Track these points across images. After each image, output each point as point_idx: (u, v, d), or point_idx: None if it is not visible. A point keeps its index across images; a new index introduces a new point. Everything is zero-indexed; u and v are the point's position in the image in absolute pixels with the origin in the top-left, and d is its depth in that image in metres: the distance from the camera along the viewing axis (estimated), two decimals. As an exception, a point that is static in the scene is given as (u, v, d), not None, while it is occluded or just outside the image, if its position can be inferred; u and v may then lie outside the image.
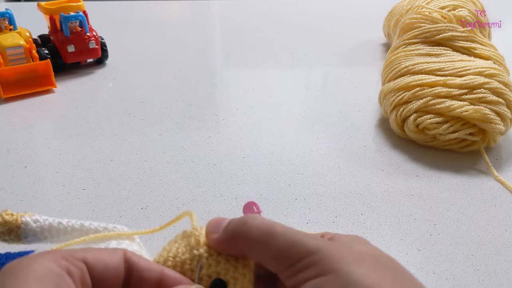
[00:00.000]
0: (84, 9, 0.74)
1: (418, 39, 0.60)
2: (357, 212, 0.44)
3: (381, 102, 0.59)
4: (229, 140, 0.56)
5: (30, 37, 0.72)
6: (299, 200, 0.45)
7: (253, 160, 0.52)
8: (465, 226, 0.42)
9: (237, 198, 0.45)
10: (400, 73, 0.57)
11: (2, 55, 0.66)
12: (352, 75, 0.76)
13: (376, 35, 0.89)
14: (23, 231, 0.27)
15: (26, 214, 0.28)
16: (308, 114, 0.63)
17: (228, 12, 1.14)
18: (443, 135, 0.51)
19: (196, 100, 0.67)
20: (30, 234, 0.27)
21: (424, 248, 0.40)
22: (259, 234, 0.23)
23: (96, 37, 0.73)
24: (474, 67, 0.53)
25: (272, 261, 0.23)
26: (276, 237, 0.23)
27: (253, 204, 0.40)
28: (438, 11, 0.61)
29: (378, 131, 0.58)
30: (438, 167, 0.51)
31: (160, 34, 0.96)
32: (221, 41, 0.95)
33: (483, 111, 0.49)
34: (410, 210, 0.44)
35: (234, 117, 0.62)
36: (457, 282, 0.36)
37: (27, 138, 0.55)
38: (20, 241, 0.27)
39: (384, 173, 0.50)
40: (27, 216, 0.28)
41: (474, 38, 0.58)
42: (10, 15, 0.70)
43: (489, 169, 0.50)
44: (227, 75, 0.78)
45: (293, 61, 0.83)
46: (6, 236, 0.27)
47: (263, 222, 0.24)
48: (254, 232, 0.23)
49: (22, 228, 0.27)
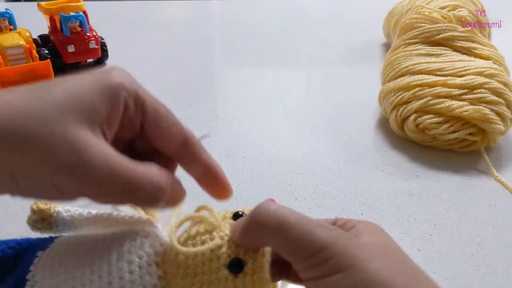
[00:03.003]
0: (84, 9, 0.74)
1: (418, 39, 0.60)
2: (357, 212, 0.44)
3: (381, 102, 0.59)
4: (229, 140, 0.56)
5: (30, 37, 0.72)
6: (299, 200, 0.45)
7: (253, 160, 0.52)
8: (465, 226, 0.42)
9: (237, 198, 0.45)
10: (400, 73, 0.57)
11: (2, 55, 0.65)
12: (352, 75, 0.76)
13: (376, 35, 0.89)
14: (55, 220, 0.29)
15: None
16: (308, 114, 0.63)
17: (228, 12, 1.14)
18: (443, 135, 0.51)
19: (196, 100, 0.67)
20: (61, 223, 0.29)
21: (424, 248, 0.40)
22: (272, 225, 0.23)
23: (96, 37, 0.73)
24: (474, 67, 0.53)
25: (286, 253, 0.23)
26: (289, 228, 0.22)
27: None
28: (438, 11, 0.61)
29: (378, 131, 0.58)
30: (438, 167, 0.51)
31: (160, 34, 0.96)
32: (221, 41, 0.95)
33: (483, 111, 0.49)
34: (410, 210, 0.44)
35: (234, 117, 0.62)
36: (457, 282, 0.36)
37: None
38: (51, 229, 0.29)
39: (384, 173, 0.50)
40: (60, 207, 0.29)
41: (474, 38, 0.58)
42: (10, 15, 0.70)
43: (489, 169, 0.50)
44: (227, 75, 0.78)
45: (293, 61, 0.83)
46: (40, 224, 0.29)
47: (276, 211, 0.23)
48: (268, 224, 0.23)
49: (54, 217, 0.29)
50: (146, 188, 0.23)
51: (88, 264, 0.25)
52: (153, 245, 0.26)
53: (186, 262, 0.24)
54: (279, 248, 0.23)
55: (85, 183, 0.21)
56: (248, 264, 0.24)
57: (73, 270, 0.25)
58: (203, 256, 0.24)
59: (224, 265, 0.24)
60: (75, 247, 0.27)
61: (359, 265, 0.21)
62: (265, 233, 0.23)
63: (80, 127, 0.22)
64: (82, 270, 0.25)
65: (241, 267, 0.24)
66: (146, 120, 0.25)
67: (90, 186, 0.22)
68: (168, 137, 0.26)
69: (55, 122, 0.21)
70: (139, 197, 0.23)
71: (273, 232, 0.23)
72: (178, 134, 0.26)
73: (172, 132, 0.26)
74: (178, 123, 0.26)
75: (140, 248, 0.26)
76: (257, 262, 0.24)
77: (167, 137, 0.26)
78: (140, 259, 0.25)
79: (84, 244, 0.27)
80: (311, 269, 0.22)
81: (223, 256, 0.24)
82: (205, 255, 0.24)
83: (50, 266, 0.26)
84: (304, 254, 0.22)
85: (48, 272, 0.25)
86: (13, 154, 0.20)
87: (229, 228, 0.26)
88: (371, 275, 0.21)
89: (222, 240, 0.25)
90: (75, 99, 0.22)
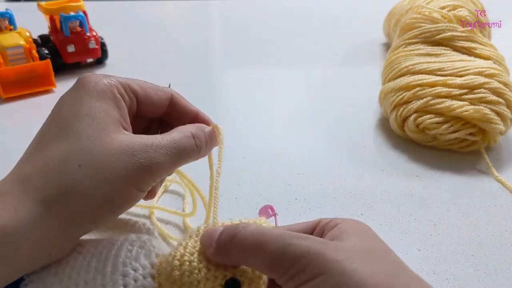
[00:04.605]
0: (84, 9, 0.74)
1: (418, 39, 0.60)
2: (357, 212, 0.44)
3: (381, 102, 0.59)
4: (229, 140, 0.56)
5: (30, 37, 0.72)
6: (299, 200, 0.45)
7: (253, 160, 0.52)
8: (465, 226, 0.42)
9: (237, 198, 0.45)
10: (400, 73, 0.57)
11: (2, 55, 0.65)
12: (352, 75, 0.76)
13: (376, 35, 0.89)
14: None
15: None
16: (308, 114, 0.63)
17: (227, 12, 1.14)
18: (443, 135, 0.51)
19: (196, 100, 0.66)
20: None
21: (424, 248, 0.40)
22: (250, 244, 0.23)
23: (96, 37, 0.73)
24: (474, 67, 0.53)
25: (266, 270, 0.23)
26: (267, 246, 0.23)
27: (269, 207, 0.40)
28: (438, 11, 0.61)
29: (378, 131, 0.58)
30: (438, 167, 0.51)
31: (160, 34, 0.96)
32: (221, 41, 0.95)
33: (483, 111, 0.49)
34: (410, 210, 0.44)
35: (234, 117, 0.62)
36: (457, 282, 0.36)
37: (27, 138, 0.55)
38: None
39: (384, 173, 0.50)
40: None
41: (474, 38, 0.58)
42: (10, 15, 0.70)
43: (489, 169, 0.50)
44: (227, 75, 0.78)
45: (293, 61, 0.83)
46: None
47: (253, 231, 0.24)
48: (245, 242, 0.23)
49: None
50: (186, 144, 0.28)
51: (82, 274, 0.25)
52: (148, 257, 0.26)
53: (181, 279, 0.24)
54: (259, 267, 0.24)
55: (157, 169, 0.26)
56: (244, 285, 0.24)
57: (68, 280, 0.25)
58: (199, 274, 0.24)
59: (220, 285, 0.24)
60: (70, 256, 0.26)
61: (336, 267, 0.21)
62: (244, 254, 0.24)
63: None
64: (76, 281, 0.25)
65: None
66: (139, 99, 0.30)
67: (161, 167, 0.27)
68: (159, 101, 0.31)
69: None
70: (186, 154, 0.28)
71: (251, 252, 0.23)
72: (164, 95, 0.31)
73: (160, 96, 0.31)
74: (159, 87, 0.31)
75: (135, 260, 0.25)
76: (253, 283, 0.24)
77: (158, 101, 0.31)
78: (135, 271, 0.25)
79: (79, 252, 0.26)
80: (292, 280, 0.22)
81: (219, 276, 0.24)
82: (201, 273, 0.24)
83: (45, 275, 0.25)
84: (283, 267, 0.22)
85: (42, 282, 0.25)
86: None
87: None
88: (347, 276, 0.21)
89: None
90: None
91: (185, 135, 0.29)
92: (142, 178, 0.26)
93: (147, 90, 0.30)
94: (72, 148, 0.25)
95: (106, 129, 0.26)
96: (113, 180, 0.24)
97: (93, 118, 0.26)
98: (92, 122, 0.26)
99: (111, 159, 0.25)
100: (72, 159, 0.24)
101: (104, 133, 0.25)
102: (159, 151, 0.26)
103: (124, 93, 0.28)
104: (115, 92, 0.28)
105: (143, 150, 0.26)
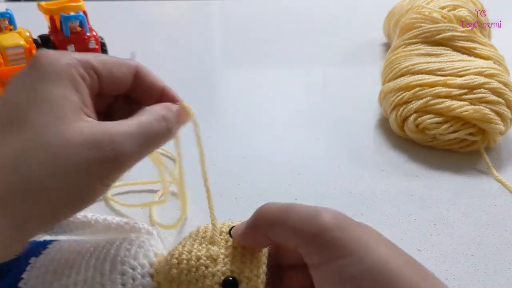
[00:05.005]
0: (84, 9, 0.73)
1: (418, 39, 0.60)
2: (357, 212, 0.44)
3: (381, 102, 0.59)
4: (229, 140, 0.56)
5: (30, 37, 0.72)
6: (299, 200, 0.45)
7: (253, 160, 0.52)
8: (465, 226, 0.42)
9: (237, 198, 0.45)
10: (400, 73, 0.57)
11: (2, 55, 0.65)
12: (352, 75, 0.76)
13: (376, 35, 0.89)
14: None
15: None
16: (308, 114, 0.63)
17: (227, 12, 1.14)
18: (443, 135, 0.51)
19: (195, 100, 0.66)
20: (57, 226, 0.29)
21: (424, 248, 0.40)
22: (277, 212, 0.24)
23: (96, 37, 0.73)
24: (474, 67, 0.53)
25: (290, 234, 0.23)
26: (293, 212, 0.23)
27: None
28: (438, 11, 0.61)
29: (378, 131, 0.58)
30: (438, 167, 0.51)
31: (160, 34, 0.96)
32: (221, 41, 0.95)
33: (483, 111, 0.49)
34: (410, 210, 0.44)
35: (234, 117, 0.62)
36: (457, 282, 0.36)
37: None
38: (47, 232, 0.29)
39: (384, 173, 0.50)
40: None
41: (474, 38, 0.58)
42: (10, 15, 0.70)
43: (489, 169, 0.50)
44: (227, 75, 0.78)
45: (293, 61, 0.82)
46: None
47: (281, 203, 0.24)
48: (273, 211, 0.24)
49: None
50: (156, 129, 0.26)
51: (81, 273, 0.25)
52: (147, 256, 0.26)
53: (180, 278, 0.24)
54: (284, 231, 0.23)
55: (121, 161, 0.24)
56: (242, 283, 0.24)
57: (67, 279, 0.25)
58: (197, 273, 0.24)
59: (218, 284, 0.24)
60: (69, 255, 0.26)
61: (365, 249, 0.21)
62: (271, 220, 0.24)
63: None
64: (75, 280, 0.25)
65: (235, 286, 0.24)
66: (101, 77, 0.27)
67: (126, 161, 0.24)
68: (122, 77, 0.28)
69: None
70: (157, 139, 0.26)
71: (278, 219, 0.23)
72: (128, 70, 0.28)
73: (124, 72, 0.28)
74: (122, 61, 0.28)
75: (134, 259, 0.25)
76: (251, 282, 0.24)
77: (121, 77, 0.28)
78: (133, 270, 0.25)
79: (78, 252, 0.26)
80: (317, 253, 0.22)
81: (217, 274, 0.24)
82: (199, 271, 0.24)
83: (43, 274, 0.25)
84: (308, 234, 0.22)
85: (41, 280, 0.25)
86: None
87: (225, 245, 0.25)
88: (381, 261, 0.21)
89: (218, 257, 0.25)
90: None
91: (154, 118, 0.26)
92: (108, 171, 0.23)
93: (109, 66, 0.27)
94: (26, 141, 0.22)
95: (65, 117, 0.23)
96: (74, 175, 0.22)
97: (50, 106, 0.23)
98: (48, 110, 0.23)
99: (72, 151, 0.22)
100: (27, 154, 0.22)
101: (62, 123, 0.23)
102: (126, 140, 0.24)
103: (84, 73, 0.25)
104: (73, 73, 0.24)
105: (108, 139, 0.23)
